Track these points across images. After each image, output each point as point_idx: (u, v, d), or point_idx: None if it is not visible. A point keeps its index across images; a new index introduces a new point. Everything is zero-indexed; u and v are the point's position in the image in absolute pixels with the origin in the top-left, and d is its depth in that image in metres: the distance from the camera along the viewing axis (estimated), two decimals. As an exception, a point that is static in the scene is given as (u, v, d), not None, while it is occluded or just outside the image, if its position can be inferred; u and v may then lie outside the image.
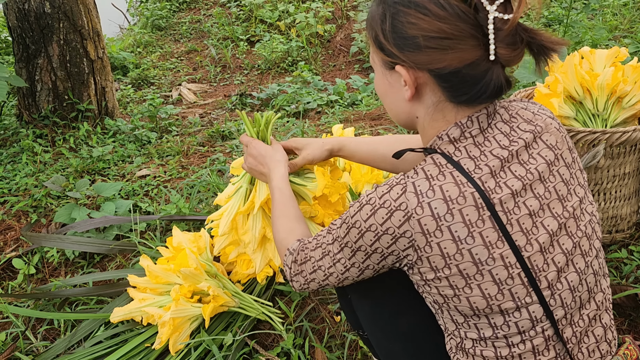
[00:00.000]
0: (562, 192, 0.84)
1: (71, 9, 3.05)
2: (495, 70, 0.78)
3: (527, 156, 0.82)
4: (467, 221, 0.77)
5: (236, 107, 3.80)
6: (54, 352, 1.57)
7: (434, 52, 0.77)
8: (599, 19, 3.99)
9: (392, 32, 0.80)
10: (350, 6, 5.35)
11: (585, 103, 1.70)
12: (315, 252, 0.96)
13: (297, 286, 1.02)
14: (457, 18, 0.75)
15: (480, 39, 0.76)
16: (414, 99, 0.86)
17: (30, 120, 3.13)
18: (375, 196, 0.82)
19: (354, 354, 1.49)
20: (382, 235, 0.81)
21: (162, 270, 1.56)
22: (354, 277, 0.93)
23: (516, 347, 0.83)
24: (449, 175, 0.79)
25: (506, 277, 0.79)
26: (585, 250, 0.86)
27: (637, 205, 1.76)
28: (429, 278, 0.82)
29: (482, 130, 0.83)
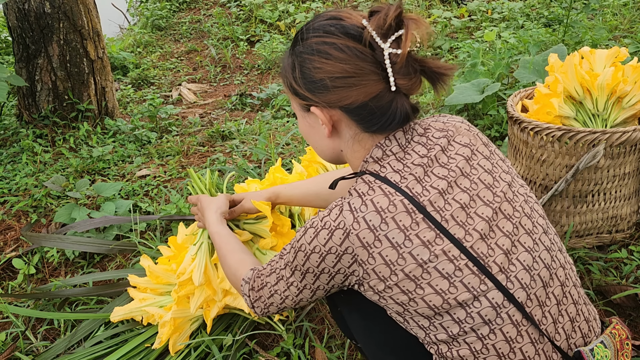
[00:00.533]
0: (487, 181, 0.90)
1: (71, 9, 3.05)
2: (399, 100, 0.87)
3: (445, 158, 0.90)
4: (402, 226, 0.83)
5: (236, 107, 3.80)
6: (54, 352, 1.57)
7: (341, 90, 0.86)
8: (599, 19, 3.99)
9: (302, 78, 0.90)
10: (350, 6, 5.35)
11: (585, 103, 1.71)
12: (270, 277, 1.02)
13: (258, 311, 1.07)
14: (357, 58, 0.84)
15: (380, 73, 0.85)
16: (333, 135, 0.95)
17: (30, 120, 3.13)
18: (317, 219, 0.89)
19: (354, 354, 1.49)
20: (327, 255, 0.87)
21: (164, 271, 1.56)
22: (307, 299, 0.99)
23: (488, 339, 0.84)
24: (378, 189, 0.86)
25: (454, 269, 0.82)
26: (529, 228, 0.89)
27: (637, 205, 1.76)
28: (380, 289, 0.86)
29: (401, 147, 0.91)
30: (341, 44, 0.85)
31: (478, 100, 2.42)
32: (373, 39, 0.84)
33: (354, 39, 0.85)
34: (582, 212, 1.68)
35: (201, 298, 1.44)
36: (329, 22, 0.89)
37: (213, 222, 1.31)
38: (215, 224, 1.30)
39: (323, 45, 0.87)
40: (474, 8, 4.87)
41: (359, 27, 0.86)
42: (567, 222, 1.70)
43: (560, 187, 1.62)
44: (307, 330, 1.55)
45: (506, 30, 3.93)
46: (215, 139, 3.11)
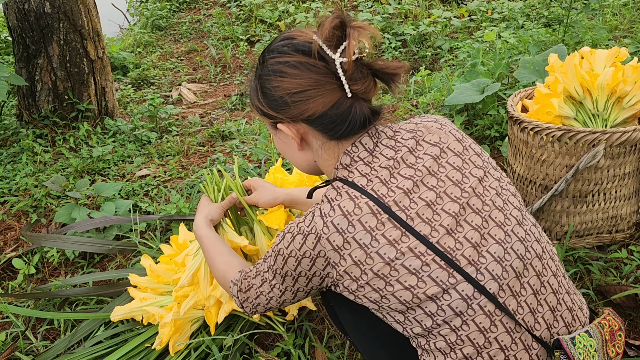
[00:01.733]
0: (455, 178, 0.92)
1: (71, 9, 3.05)
2: (357, 105, 0.91)
3: (413, 159, 0.93)
4: (368, 227, 0.86)
5: (236, 107, 3.80)
6: (54, 352, 1.57)
7: (300, 104, 0.92)
8: (599, 19, 3.99)
9: (264, 98, 0.96)
10: (350, 6, 5.35)
11: (585, 103, 1.71)
12: (255, 279, 1.07)
13: (247, 310, 1.12)
14: (309, 72, 0.90)
15: (335, 82, 0.90)
16: (304, 147, 1.01)
17: (30, 120, 3.13)
18: (294, 225, 0.94)
19: (354, 354, 1.49)
20: (302, 259, 0.92)
21: (165, 270, 1.56)
22: (290, 300, 1.04)
23: (461, 330, 0.86)
24: (345, 193, 0.90)
25: (421, 265, 0.85)
26: (500, 221, 0.91)
27: (637, 205, 1.76)
28: (354, 289, 0.89)
29: (369, 151, 0.95)
30: (294, 60, 0.91)
31: (478, 100, 2.42)
32: (323, 50, 0.89)
33: (304, 54, 0.91)
34: (582, 212, 1.68)
35: (192, 301, 1.45)
36: (282, 43, 0.94)
37: (200, 226, 1.32)
38: (202, 227, 1.31)
39: (278, 65, 0.92)
40: (474, 8, 4.87)
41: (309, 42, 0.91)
42: (567, 222, 1.70)
43: (560, 187, 1.62)
44: (307, 330, 1.55)
45: (506, 30, 3.93)
46: (215, 139, 3.11)
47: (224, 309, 1.45)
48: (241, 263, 1.20)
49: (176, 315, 1.46)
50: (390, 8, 4.73)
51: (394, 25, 4.66)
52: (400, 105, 3.07)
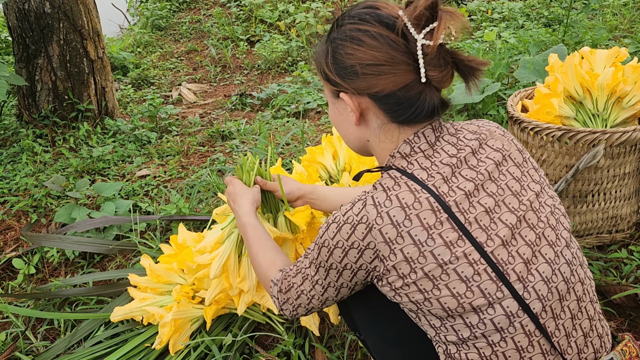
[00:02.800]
0: (515, 189, 0.88)
1: (71, 9, 3.05)
2: (428, 92, 0.86)
3: (475, 161, 0.89)
4: (426, 224, 0.82)
5: (236, 107, 3.80)
6: (54, 352, 1.57)
7: (370, 77, 0.86)
8: (599, 19, 3.99)
9: (333, 63, 0.90)
10: (350, 6, 5.35)
11: (585, 103, 1.71)
12: (296, 278, 1.01)
13: (287, 313, 1.06)
14: (389, 47, 0.84)
15: (411, 64, 0.84)
16: (361, 123, 0.95)
17: (30, 120, 3.13)
18: (340, 214, 0.88)
19: (354, 354, 1.49)
20: (349, 250, 0.87)
21: (164, 270, 1.56)
22: (333, 298, 0.98)
23: (498, 346, 0.84)
24: (404, 184, 0.85)
25: (472, 273, 0.81)
26: (552, 240, 0.88)
27: (637, 205, 1.76)
28: (398, 286, 0.85)
29: (430, 144, 0.90)
30: (374, 31, 0.85)
31: (478, 100, 2.42)
32: (407, 29, 0.83)
33: (387, 27, 0.85)
34: (582, 212, 1.68)
35: (216, 290, 1.40)
36: (365, 10, 0.88)
37: (248, 213, 1.25)
38: (250, 216, 1.24)
39: (357, 32, 0.87)
40: (474, 8, 4.87)
41: (394, 16, 0.85)
42: (567, 222, 1.70)
43: (560, 187, 1.62)
44: (307, 330, 1.55)
45: (506, 30, 3.93)
46: (215, 139, 3.11)
47: (244, 300, 1.42)
48: (284, 261, 1.14)
49: (176, 315, 1.45)
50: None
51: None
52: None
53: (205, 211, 2.17)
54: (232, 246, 1.38)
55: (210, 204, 2.23)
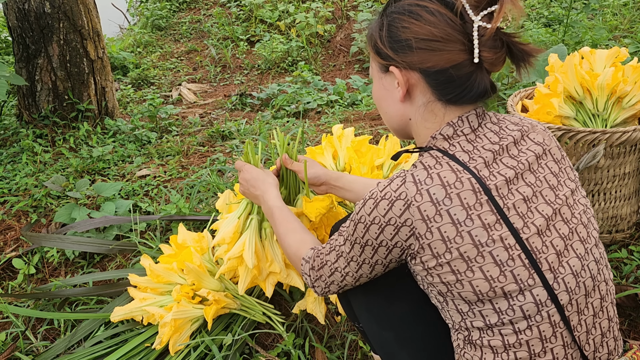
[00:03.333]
0: (552, 182, 0.89)
1: (71, 9, 3.05)
2: (479, 74, 0.87)
3: (516, 151, 0.89)
4: (466, 204, 0.82)
5: (236, 107, 3.80)
6: (54, 352, 1.57)
7: (423, 52, 0.87)
8: (599, 19, 3.99)
9: (388, 37, 0.91)
10: (350, 6, 5.35)
11: (585, 103, 1.71)
12: (330, 255, 1.01)
13: (319, 291, 1.06)
14: (446, 24, 0.85)
15: (465, 44, 0.85)
16: (405, 99, 0.94)
17: (30, 120, 3.13)
18: (377, 190, 0.87)
19: (354, 354, 1.49)
20: (386, 226, 0.86)
21: (164, 270, 1.56)
22: (367, 275, 0.97)
23: (523, 334, 0.84)
24: (446, 164, 0.85)
25: (507, 258, 0.82)
26: (583, 237, 0.89)
27: (637, 205, 1.76)
28: (431, 266, 0.85)
29: (473, 129, 0.90)
30: (433, 8, 0.86)
31: (478, 100, 2.41)
32: (465, 9, 0.84)
33: (446, 6, 0.86)
34: (582, 212, 1.68)
35: (248, 278, 1.40)
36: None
37: (274, 197, 1.25)
38: (277, 199, 1.25)
39: (415, 7, 0.87)
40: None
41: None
42: (567, 222, 1.70)
43: (560, 187, 1.62)
44: (307, 330, 1.55)
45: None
46: (215, 139, 3.11)
47: (269, 282, 1.41)
48: (314, 240, 1.14)
49: (176, 315, 1.45)
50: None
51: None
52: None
53: (205, 211, 2.17)
54: (255, 232, 1.37)
55: (210, 204, 2.23)
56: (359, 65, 4.53)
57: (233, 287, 1.60)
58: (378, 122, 3.01)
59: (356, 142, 1.71)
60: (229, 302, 1.53)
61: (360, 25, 4.70)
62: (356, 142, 1.71)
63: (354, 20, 5.01)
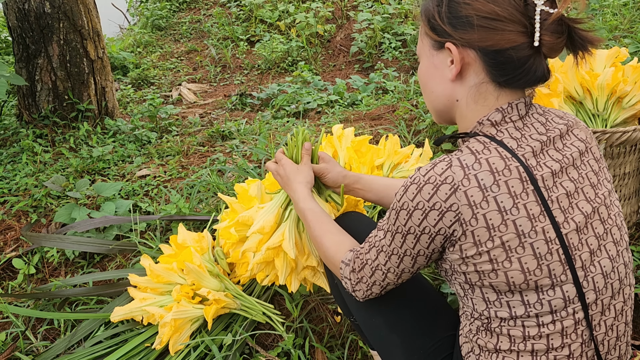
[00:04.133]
0: (592, 180, 0.89)
1: (71, 9, 3.05)
2: (537, 58, 0.85)
3: (561, 145, 0.88)
4: (513, 192, 0.80)
5: (236, 107, 3.80)
6: (54, 352, 1.57)
7: (484, 31, 0.84)
8: (599, 19, 3.99)
9: (447, 12, 0.88)
10: (350, 6, 5.35)
11: (585, 103, 1.71)
12: (369, 254, 0.97)
13: (360, 295, 1.02)
14: (509, 3, 0.83)
15: (527, 26, 0.83)
16: (457, 79, 0.91)
17: (30, 120, 3.13)
18: (419, 175, 0.85)
19: (354, 354, 1.49)
20: (430, 211, 0.83)
21: (164, 270, 1.56)
22: (409, 269, 0.93)
23: (545, 328, 0.84)
24: (494, 150, 0.84)
25: (546, 251, 0.81)
26: (617, 239, 0.89)
27: (637, 205, 1.76)
28: (470, 254, 0.83)
29: (521, 117, 0.89)
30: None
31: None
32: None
33: None
34: (582, 212, 1.68)
35: (288, 268, 1.37)
36: None
37: (305, 198, 1.21)
38: (308, 200, 1.20)
39: None
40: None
41: None
42: (567, 222, 1.70)
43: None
44: (307, 330, 1.55)
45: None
46: (215, 139, 3.11)
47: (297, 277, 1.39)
48: (352, 241, 1.10)
49: (176, 315, 1.45)
50: (390, 8, 4.73)
51: (394, 25, 4.66)
52: (401, 105, 3.07)
53: (205, 211, 2.17)
54: (294, 224, 1.35)
55: (210, 204, 2.23)
56: (359, 65, 4.53)
57: (233, 287, 1.60)
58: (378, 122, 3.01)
59: (356, 142, 1.71)
60: (229, 302, 1.53)
61: (360, 25, 4.70)
62: (356, 142, 1.71)
63: (354, 20, 5.01)
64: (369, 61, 4.48)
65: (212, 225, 1.83)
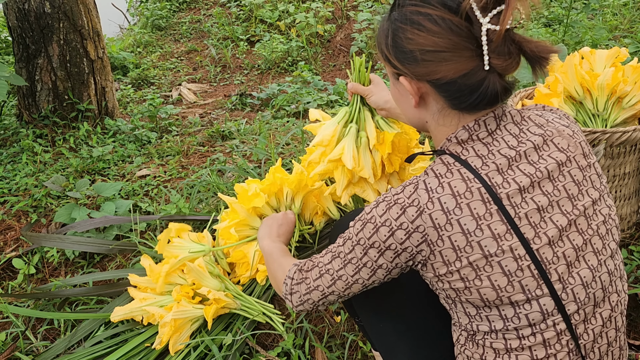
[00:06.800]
0: (572, 192, 0.87)
1: (71, 9, 3.05)
2: (491, 79, 0.82)
3: (536, 157, 0.86)
4: (475, 214, 0.81)
5: (236, 107, 3.80)
6: (54, 352, 1.57)
7: (430, 64, 0.83)
8: (599, 19, 3.99)
9: (393, 46, 0.87)
10: (350, 6, 5.35)
11: (585, 103, 1.71)
12: (324, 258, 0.97)
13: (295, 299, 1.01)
14: (451, 32, 0.80)
15: (474, 50, 0.80)
16: (420, 106, 0.92)
17: (30, 120, 3.13)
18: (390, 194, 0.87)
19: (354, 354, 1.49)
20: (397, 230, 0.85)
21: (156, 283, 1.56)
22: (364, 281, 0.93)
23: (526, 340, 0.84)
24: (457, 172, 0.84)
25: (516, 268, 0.81)
26: (598, 248, 0.88)
27: (637, 205, 1.76)
28: (442, 273, 0.85)
29: (490, 132, 0.87)
30: (436, 15, 0.81)
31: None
32: (472, 11, 0.79)
33: (450, 10, 0.80)
34: (582, 212, 1.68)
35: (345, 180, 1.50)
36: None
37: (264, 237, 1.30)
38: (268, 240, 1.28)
39: (417, 16, 0.83)
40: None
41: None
42: (567, 222, 1.70)
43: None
44: (307, 331, 1.55)
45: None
46: (215, 139, 3.11)
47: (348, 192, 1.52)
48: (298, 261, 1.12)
49: (176, 315, 1.45)
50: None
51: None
52: (400, 105, 3.07)
53: (205, 211, 2.17)
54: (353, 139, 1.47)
55: (210, 204, 2.23)
56: (359, 65, 4.53)
57: (233, 287, 1.60)
58: (378, 122, 3.01)
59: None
60: (229, 302, 1.53)
61: (360, 25, 4.69)
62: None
63: (354, 20, 5.01)
64: (369, 61, 4.48)
65: (212, 225, 1.83)
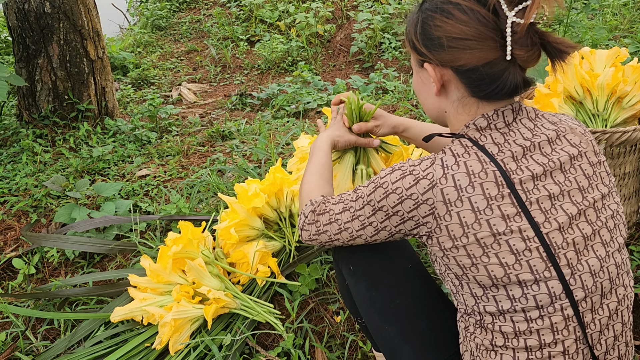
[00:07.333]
0: (582, 184, 0.89)
1: (71, 9, 3.05)
2: (512, 70, 0.87)
3: (549, 149, 0.90)
4: (487, 194, 0.84)
5: (236, 107, 3.80)
6: (54, 352, 1.57)
7: (455, 51, 0.87)
8: (599, 19, 3.99)
9: (421, 33, 0.92)
10: (350, 6, 5.35)
11: (585, 103, 1.71)
12: (336, 206, 1.02)
13: (305, 235, 1.06)
14: (478, 22, 0.85)
15: (498, 41, 0.85)
16: (441, 94, 0.97)
17: (30, 120, 3.13)
18: (407, 165, 0.90)
19: (354, 354, 1.49)
20: (406, 199, 0.88)
21: (165, 270, 1.56)
22: (367, 237, 0.98)
23: (534, 323, 0.85)
24: (474, 154, 0.87)
25: (524, 248, 0.83)
26: (606, 240, 0.90)
27: (637, 205, 1.76)
28: (447, 247, 0.87)
29: (507, 124, 0.91)
30: (465, 5, 0.86)
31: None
32: (499, 4, 0.84)
33: (479, 2, 0.86)
34: (582, 212, 1.68)
35: None
36: None
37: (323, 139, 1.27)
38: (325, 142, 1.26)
39: (447, 5, 0.88)
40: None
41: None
42: (567, 222, 1.70)
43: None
44: (307, 331, 1.55)
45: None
46: (215, 139, 3.11)
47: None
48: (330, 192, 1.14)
49: (176, 315, 1.45)
50: (390, 8, 4.72)
51: (394, 25, 4.66)
52: (400, 105, 3.07)
53: (205, 211, 2.17)
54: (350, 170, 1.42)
55: (210, 204, 2.23)
56: (359, 65, 4.53)
57: (233, 287, 1.60)
58: (378, 122, 3.01)
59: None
60: (229, 301, 1.53)
61: (360, 25, 4.69)
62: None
63: (354, 20, 5.01)
64: (369, 61, 4.48)
65: (212, 225, 1.83)
